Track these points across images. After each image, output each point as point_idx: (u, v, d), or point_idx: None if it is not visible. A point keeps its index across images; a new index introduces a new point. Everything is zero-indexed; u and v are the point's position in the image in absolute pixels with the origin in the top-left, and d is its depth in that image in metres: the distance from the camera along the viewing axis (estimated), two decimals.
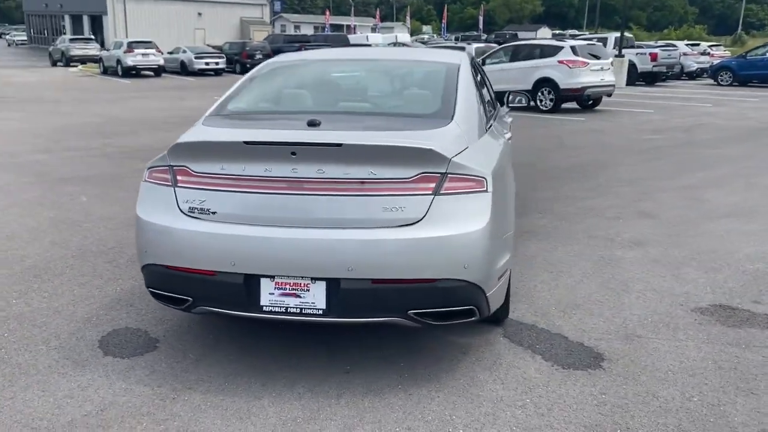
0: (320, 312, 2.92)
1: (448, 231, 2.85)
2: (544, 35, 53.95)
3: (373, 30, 57.93)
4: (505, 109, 5.83)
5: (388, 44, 34.90)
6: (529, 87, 15.42)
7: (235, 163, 2.95)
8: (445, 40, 45.41)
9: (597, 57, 15.30)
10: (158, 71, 28.57)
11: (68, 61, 33.78)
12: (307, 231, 2.86)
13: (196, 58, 29.20)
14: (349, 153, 2.84)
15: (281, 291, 2.93)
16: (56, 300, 4.11)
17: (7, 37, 65.12)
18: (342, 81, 4.01)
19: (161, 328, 3.72)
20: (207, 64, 29.49)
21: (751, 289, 4.35)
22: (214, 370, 3.26)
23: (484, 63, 16.62)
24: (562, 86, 14.86)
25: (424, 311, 2.94)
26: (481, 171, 2.97)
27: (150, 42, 28.98)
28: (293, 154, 2.85)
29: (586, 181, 7.75)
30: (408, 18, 59.63)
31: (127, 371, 3.25)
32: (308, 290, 2.92)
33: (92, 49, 34.22)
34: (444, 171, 2.89)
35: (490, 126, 3.90)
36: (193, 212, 3.01)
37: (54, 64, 34.56)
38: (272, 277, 2.92)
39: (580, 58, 14.83)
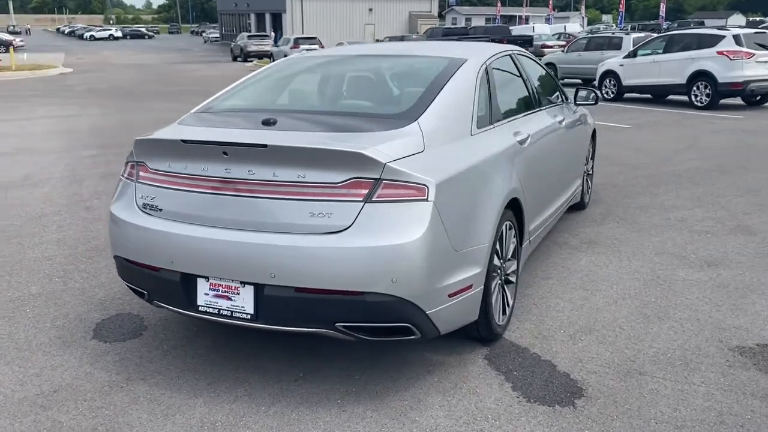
0: (248, 317, 2.85)
1: (375, 241, 2.64)
2: (736, 23, 48.75)
3: (546, 20, 56.04)
4: (572, 106, 5.32)
5: (552, 35, 33.61)
6: (684, 81, 14.06)
7: (179, 161, 2.96)
8: (621, 29, 42.69)
9: (767, 47, 13.51)
10: None
11: (246, 56, 36.50)
12: (236, 233, 2.79)
13: None
14: (276, 154, 2.72)
15: (215, 292, 2.90)
16: (89, 281, 4.43)
17: (203, 34, 72.03)
18: (333, 79, 3.87)
19: (157, 316, 3.86)
20: None
21: None
22: (175, 364, 3.32)
23: (635, 55, 15.38)
24: (720, 80, 13.33)
25: (353, 325, 2.77)
26: (423, 178, 2.72)
27: (314, 38, 30.48)
28: (225, 153, 2.80)
29: (695, 189, 6.86)
30: (582, 7, 56.77)
31: (99, 356, 3.40)
32: (239, 294, 2.85)
33: (267, 45, 36.76)
34: (378, 177, 2.68)
35: (493, 128, 3.55)
36: (146, 208, 3.07)
37: (234, 59, 37.52)
38: (207, 277, 2.90)
39: (743, 49, 13.18)
